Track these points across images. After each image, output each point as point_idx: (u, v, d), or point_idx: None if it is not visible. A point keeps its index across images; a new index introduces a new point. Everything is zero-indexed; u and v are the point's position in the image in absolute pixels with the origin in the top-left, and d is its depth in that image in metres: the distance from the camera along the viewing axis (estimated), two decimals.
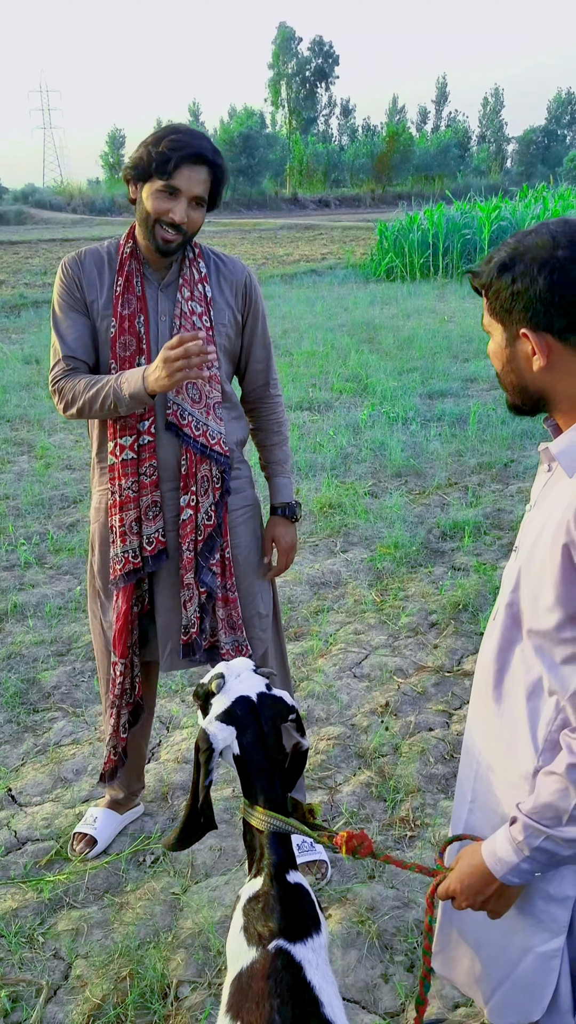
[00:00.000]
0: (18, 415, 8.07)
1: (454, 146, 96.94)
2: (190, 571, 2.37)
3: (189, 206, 2.19)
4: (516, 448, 6.74)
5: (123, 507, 2.31)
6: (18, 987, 2.32)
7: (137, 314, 2.26)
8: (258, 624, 2.58)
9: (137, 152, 2.19)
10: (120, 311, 2.26)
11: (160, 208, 2.17)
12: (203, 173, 2.18)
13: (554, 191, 23.28)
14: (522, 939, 1.55)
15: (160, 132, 2.18)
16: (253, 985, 1.37)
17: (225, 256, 2.44)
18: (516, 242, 1.38)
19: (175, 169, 2.13)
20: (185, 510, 2.33)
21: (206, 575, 2.38)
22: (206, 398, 2.32)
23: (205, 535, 2.36)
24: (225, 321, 2.38)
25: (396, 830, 2.83)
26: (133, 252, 2.30)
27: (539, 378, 1.41)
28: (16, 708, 3.58)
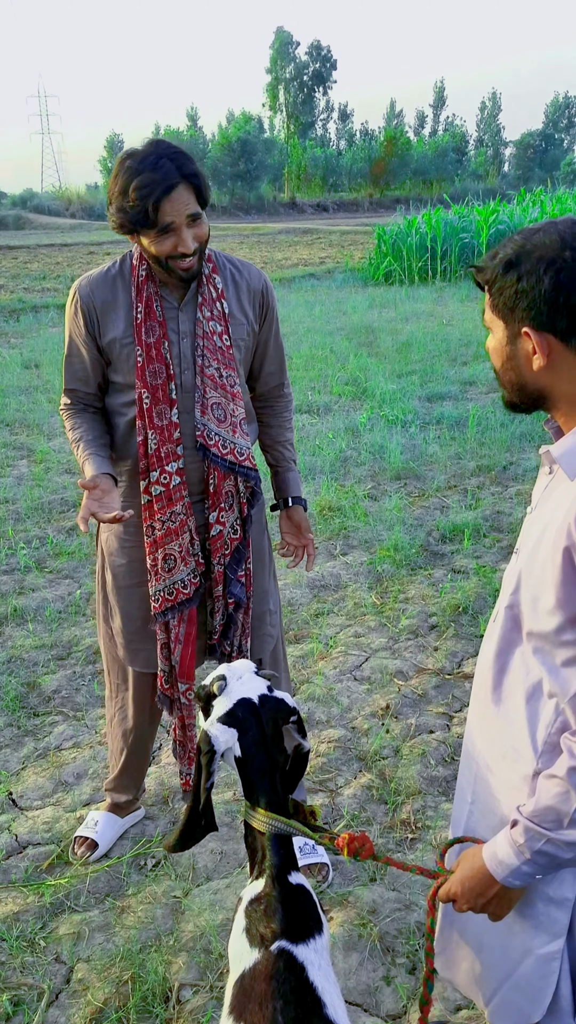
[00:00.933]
0: (17, 419, 8.08)
1: (452, 150, 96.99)
2: (220, 584, 2.39)
3: (188, 228, 2.12)
4: (515, 451, 6.74)
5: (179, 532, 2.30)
6: (19, 991, 2.31)
7: (161, 340, 2.23)
8: (268, 620, 2.61)
9: (112, 208, 2.10)
10: (145, 339, 2.22)
11: (165, 249, 2.12)
12: (183, 193, 2.08)
13: (551, 195, 23.32)
14: (522, 941, 1.55)
15: (122, 180, 2.05)
16: (256, 987, 1.37)
17: (240, 263, 2.41)
18: (523, 239, 1.37)
19: (156, 213, 2.05)
20: (214, 526, 2.34)
21: (235, 587, 2.40)
22: (231, 417, 2.31)
23: (232, 549, 2.38)
24: (243, 335, 2.37)
25: (397, 832, 2.83)
26: (149, 275, 2.24)
27: (538, 378, 1.41)
28: (16, 712, 3.57)
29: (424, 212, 19.25)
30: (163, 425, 2.24)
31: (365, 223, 39.82)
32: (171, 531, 2.29)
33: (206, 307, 2.28)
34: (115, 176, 2.09)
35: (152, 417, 2.23)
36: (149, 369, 2.22)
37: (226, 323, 2.31)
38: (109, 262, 2.33)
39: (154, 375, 2.23)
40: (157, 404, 2.23)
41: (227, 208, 59.13)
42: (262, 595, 2.58)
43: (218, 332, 2.29)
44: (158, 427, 2.23)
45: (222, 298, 2.31)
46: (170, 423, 2.24)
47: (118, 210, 2.09)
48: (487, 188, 58.55)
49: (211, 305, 2.29)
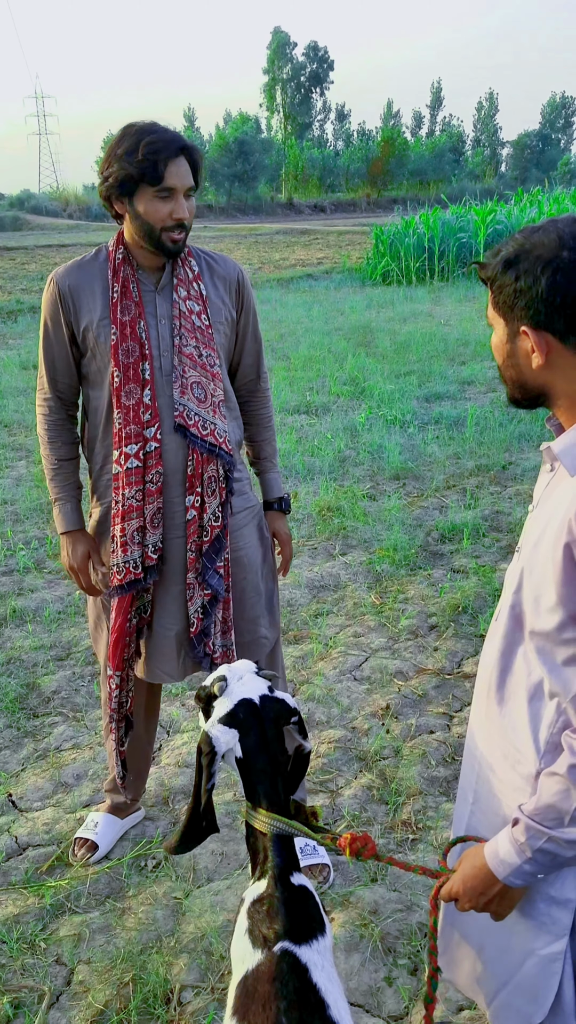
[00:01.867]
0: (15, 420, 8.07)
1: (449, 150, 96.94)
2: (192, 571, 2.35)
3: (184, 199, 2.18)
4: (514, 450, 6.74)
5: (126, 516, 2.28)
6: (20, 993, 2.31)
7: (137, 319, 2.24)
8: (263, 623, 2.58)
9: (113, 168, 2.13)
10: (120, 318, 2.23)
11: (161, 214, 2.15)
12: (185, 163, 2.16)
13: (549, 195, 23.33)
14: (524, 942, 1.55)
15: (130, 140, 2.11)
16: (259, 988, 1.37)
17: (215, 254, 2.43)
18: (524, 238, 1.37)
19: (164, 170, 2.11)
20: (189, 511, 2.31)
21: (212, 577, 2.36)
22: (211, 396, 2.31)
23: (212, 536, 2.35)
24: (222, 319, 2.38)
25: (398, 833, 2.83)
26: (126, 258, 2.27)
27: (538, 375, 1.41)
28: (16, 713, 3.57)
29: (422, 212, 19.24)
30: (130, 405, 2.24)
31: (363, 223, 39.80)
32: (121, 512, 2.29)
33: (182, 287, 2.29)
34: (119, 139, 2.14)
35: (120, 396, 2.24)
36: (122, 347, 2.23)
37: (204, 303, 2.32)
38: (86, 253, 2.36)
39: (127, 353, 2.23)
40: (127, 383, 2.23)
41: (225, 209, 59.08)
42: (256, 597, 2.55)
43: (196, 312, 2.30)
44: (125, 406, 2.24)
45: (198, 279, 2.33)
46: (137, 403, 2.23)
47: (123, 165, 2.11)
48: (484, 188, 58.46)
49: (187, 285, 2.30)
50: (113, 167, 2.13)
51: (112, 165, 2.14)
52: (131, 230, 2.23)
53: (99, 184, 2.21)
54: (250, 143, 76.59)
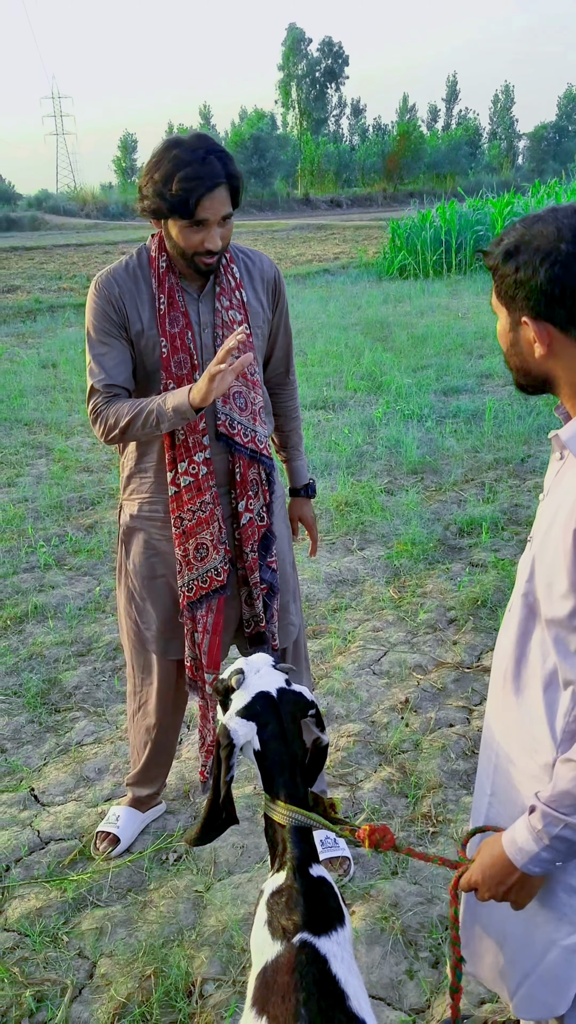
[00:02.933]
0: (36, 419, 8.11)
1: (465, 144, 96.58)
2: (255, 571, 2.42)
3: (219, 226, 2.15)
4: (532, 443, 6.70)
5: (209, 522, 2.31)
6: (43, 987, 2.33)
7: (185, 331, 2.24)
8: (291, 609, 2.63)
9: (148, 191, 2.10)
10: (168, 330, 2.23)
11: (192, 243, 2.14)
12: (223, 194, 2.11)
13: (566, 186, 23.15)
14: (545, 933, 1.54)
15: (167, 167, 2.06)
16: (278, 979, 1.37)
17: (251, 252, 2.44)
18: (524, 228, 1.38)
19: (196, 207, 2.07)
20: (244, 515, 2.36)
21: (266, 572, 2.44)
22: (251, 405, 2.34)
23: (259, 535, 2.42)
24: (260, 323, 2.40)
25: (418, 826, 2.82)
26: (169, 266, 2.25)
27: (540, 364, 1.42)
28: (38, 708, 3.59)
29: (438, 205, 19.15)
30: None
31: (379, 218, 39.74)
32: (202, 520, 2.31)
33: (224, 297, 2.29)
34: (158, 161, 2.09)
35: None
36: (174, 360, 2.24)
37: (245, 312, 2.33)
38: (126, 257, 2.33)
39: (179, 365, 2.24)
40: None
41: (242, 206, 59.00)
42: (284, 584, 2.60)
43: (238, 321, 2.30)
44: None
45: (240, 288, 2.33)
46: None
47: (156, 195, 2.09)
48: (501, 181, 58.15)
49: (230, 295, 2.30)
50: (148, 190, 2.11)
51: (148, 187, 2.11)
52: (168, 244, 2.22)
53: (136, 199, 2.19)
54: (266, 139, 76.60)
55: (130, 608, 2.58)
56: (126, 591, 2.58)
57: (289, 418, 2.68)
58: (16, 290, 18.47)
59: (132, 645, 2.63)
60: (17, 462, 6.88)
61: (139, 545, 2.48)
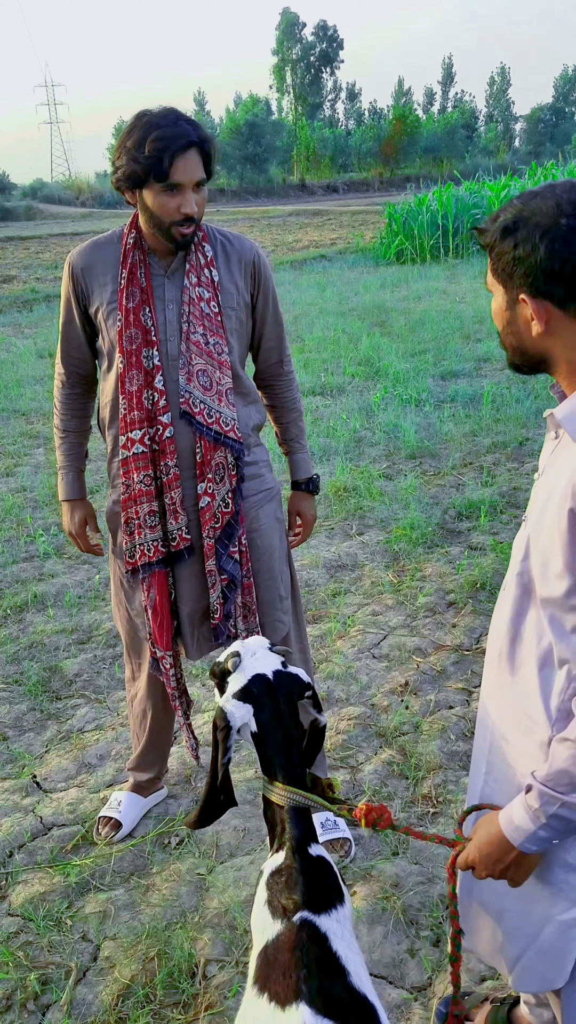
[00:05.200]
0: (33, 408, 8.11)
1: (461, 127, 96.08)
2: (212, 558, 2.37)
3: (193, 192, 2.15)
4: (531, 427, 6.70)
5: (137, 500, 2.32)
6: (47, 970, 2.35)
7: (142, 306, 2.24)
8: (280, 606, 2.59)
9: (122, 161, 2.12)
10: (125, 304, 2.24)
11: (169, 209, 2.14)
12: (195, 156, 2.11)
13: (563, 168, 23.04)
14: (542, 908, 1.55)
15: (138, 133, 2.08)
16: (279, 957, 1.38)
17: (232, 235, 2.41)
18: (522, 204, 1.36)
19: (170, 167, 2.07)
20: (203, 498, 2.33)
21: (227, 563, 2.39)
22: (217, 385, 2.30)
23: (223, 523, 2.37)
24: (233, 304, 2.36)
25: (419, 807, 2.84)
26: (137, 243, 2.26)
27: (538, 342, 1.41)
28: (39, 696, 3.61)
29: (435, 189, 19.08)
30: (133, 391, 2.26)
31: (376, 202, 39.56)
32: (132, 496, 2.33)
33: (193, 274, 2.28)
34: (129, 130, 2.12)
35: (124, 382, 2.26)
36: (127, 334, 2.25)
37: (215, 290, 2.31)
38: (104, 233, 2.36)
39: (130, 340, 2.25)
40: (130, 369, 2.25)
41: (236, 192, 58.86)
42: (271, 580, 2.56)
43: (205, 299, 2.29)
44: (128, 392, 2.26)
45: (211, 266, 2.31)
46: (139, 389, 2.25)
47: (130, 160, 2.10)
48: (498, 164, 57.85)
49: (198, 272, 2.29)
50: (122, 159, 2.12)
51: (121, 157, 2.12)
52: (143, 218, 2.23)
53: (111, 173, 2.21)
54: (261, 125, 76.19)
55: (120, 594, 2.59)
56: (115, 577, 2.59)
57: (287, 409, 2.63)
58: (12, 280, 18.43)
59: (125, 631, 2.64)
60: (15, 452, 6.88)
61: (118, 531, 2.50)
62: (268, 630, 2.57)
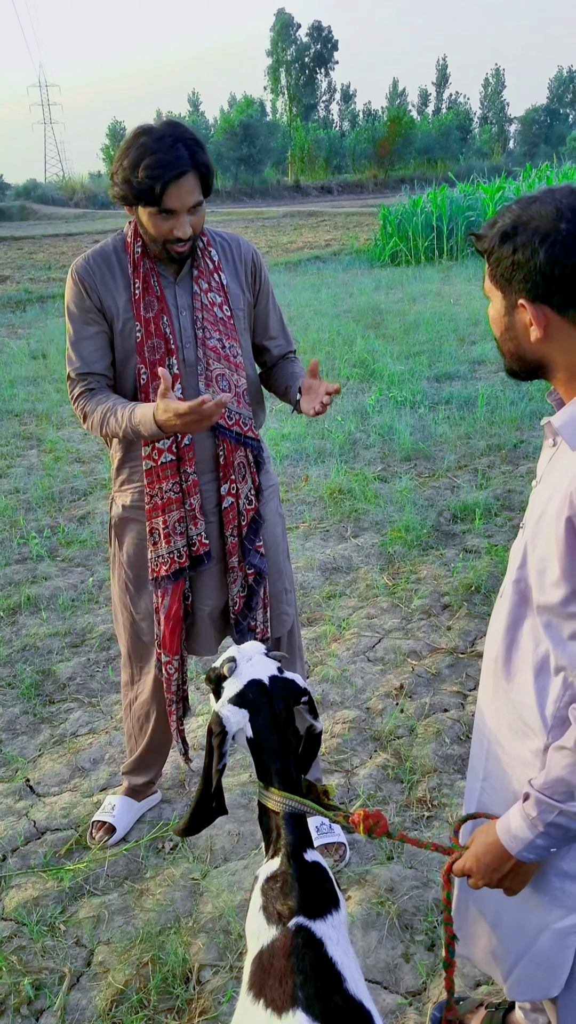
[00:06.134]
0: (26, 409, 8.09)
1: (456, 128, 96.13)
2: (235, 555, 2.42)
3: (189, 214, 2.14)
4: (525, 429, 6.71)
5: (166, 509, 2.32)
6: (41, 975, 2.34)
7: (160, 315, 2.24)
8: (285, 599, 2.63)
9: (118, 178, 2.10)
10: (143, 314, 2.23)
11: (162, 231, 2.14)
12: (191, 182, 2.09)
13: (558, 170, 23.10)
14: (538, 916, 1.55)
15: (134, 154, 2.05)
16: (275, 963, 1.37)
17: (228, 235, 2.43)
18: (521, 209, 1.35)
19: (162, 195, 2.06)
20: (226, 498, 2.36)
21: (254, 557, 2.44)
22: (235, 387, 2.33)
23: (248, 519, 2.41)
24: (242, 306, 2.39)
25: (413, 811, 2.84)
26: (144, 251, 2.25)
27: (536, 348, 1.40)
28: (32, 700, 3.59)
29: (429, 191, 19.08)
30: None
31: (370, 204, 39.57)
32: (157, 507, 2.32)
33: (203, 279, 2.29)
34: (127, 148, 2.09)
35: (148, 393, 2.25)
36: (148, 344, 2.24)
37: (225, 294, 2.32)
38: (103, 243, 2.33)
39: (152, 350, 2.24)
40: (154, 380, 2.24)
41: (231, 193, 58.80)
42: (277, 574, 2.60)
43: (217, 303, 2.30)
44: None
45: (219, 270, 2.32)
46: None
47: (124, 182, 2.09)
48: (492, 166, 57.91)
49: (208, 277, 2.30)
50: (118, 177, 2.11)
51: (117, 173, 2.11)
52: (141, 230, 2.22)
53: (108, 187, 2.20)
54: (255, 126, 76.13)
55: (125, 599, 2.58)
56: (120, 582, 2.57)
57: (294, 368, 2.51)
58: (5, 280, 18.38)
59: (128, 636, 2.63)
60: (8, 453, 6.86)
61: (132, 536, 2.48)
62: (275, 622, 2.60)
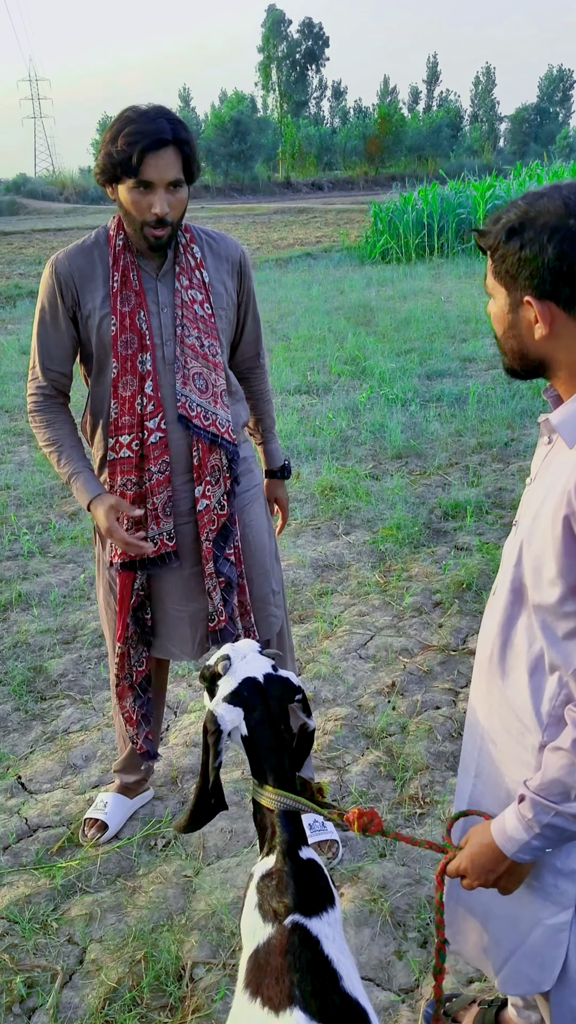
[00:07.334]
0: (17, 405, 8.06)
1: (446, 126, 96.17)
2: (210, 561, 2.37)
3: (167, 193, 2.11)
4: (516, 427, 6.72)
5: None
6: (33, 973, 2.33)
7: (137, 310, 2.22)
8: (272, 600, 2.61)
9: (101, 154, 2.10)
10: (120, 308, 2.21)
11: (139, 207, 2.11)
12: (170, 155, 2.08)
13: (548, 169, 23.13)
14: (531, 912, 1.56)
15: (116, 127, 2.07)
16: (271, 961, 1.38)
17: (216, 234, 2.40)
18: (527, 205, 1.33)
19: (140, 163, 2.04)
20: (201, 500, 2.33)
21: (223, 565, 2.39)
22: (212, 387, 2.30)
23: (218, 524, 2.37)
24: (224, 304, 2.36)
25: (406, 808, 2.84)
26: (126, 244, 2.23)
27: (540, 346, 1.38)
28: (23, 696, 3.58)
29: (420, 189, 19.08)
30: (127, 396, 2.23)
31: (361, 201, 39.53)
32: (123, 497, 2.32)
33: (184, 276, 2.26)
34: (111, 125, 2.10)
35: (118, 387, 2.23)
36: (122, 339, 2.22)
37: (207, 292, 2.30)
38: (85, 237, 2.31)
39: (126, 345, 2.22)
40: (124, 374, 2.23)
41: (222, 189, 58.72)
42: (263, 576, 2.57)
43: (198, 301, 2.28)
44: (121, 397, 2.24)
45: (201, 267, 2.30)
46: (133, 395, 2.23)
47: (105, 155, 2.09)
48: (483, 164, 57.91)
49: (189, 274, 2.27)
50: (102, 153, 2.10)
51: (102, 151, 2.10)
52: (122, 217, 2.21)
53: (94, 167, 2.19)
54: (246, 122, 76.06)
55: (110, 598, 2.56)
56: (105, 582, 2.56)
57: (262, 400, 2.65)
58: None
59: (113, 634, 2.63)
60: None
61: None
62: (262, 625, 2.57)
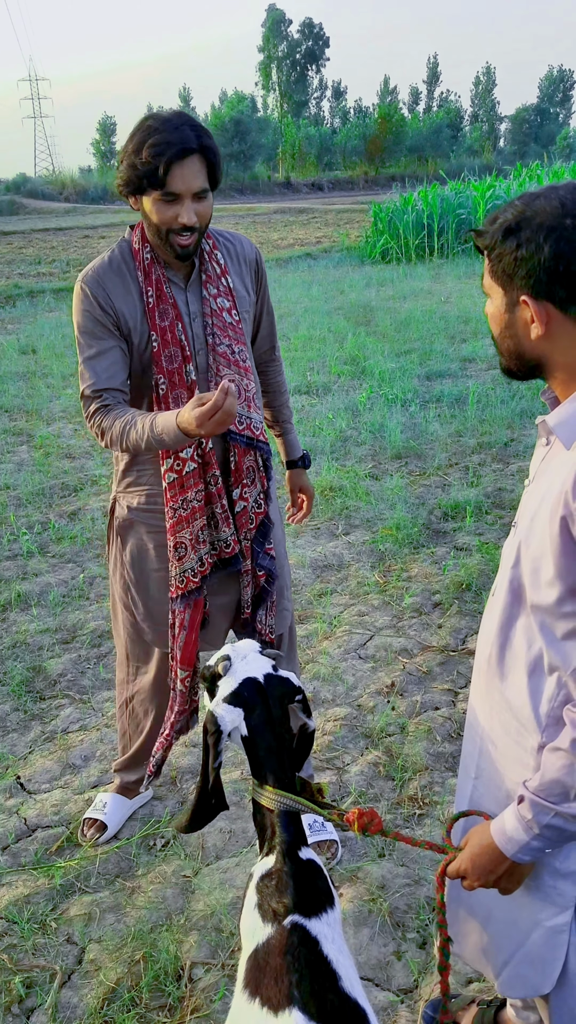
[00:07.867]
0: (16, 405, 8.05)
1: (446, 126, 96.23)
2: (249, 558, 2.41)
3: (193, 202, 2.09)
4: (516, 427, 6.72)
5: (189, 521, 2.28)
6: (32, 973, 2.33)
7: (175, 323, 2.21)
8: (286, 595, 2.63)
9: (123, 165, 2.08)
10: (159, 323, 2.19)
11: (166, 218, 2.09)
12: (196, 164, 2.06)
13: (548, 169, 23.13)
14: (530, 914, 1.56)
15: (139, 137, 2.03)
16: (270, 961, 1.37)
17: (230, 235, 2.40)
18: (524, 205, 1.33)
19: (167, 175, 2.02)
20: (239, 502, 2.35)
21: (264, 559, 2.43)
22: (245, 392, 2.31)
23: (256, 523, 2.40)
24: (247, 307, 2.38)
25: (405, 808, 2.84)
26: (154, 257, 2.21)
27: (536, 346, 1.38)
28: (23, 696, 3.58)
29: (420, 189, 19.08)
30: None
31: (361, 201, 39.53)
32: (182, 519, 2.28)
33: (211, 284, 2.26)
34: (133, 134, 2.07)
35: (168, 403, 2.21)
36: (165, 353, 2.20)
37: (233, 298, 2.30)
38: (107, 252, 2.27)
39: (170, 359, 2.20)
40: (174, 389, 2.21)
41: (222, 189, 58.58)
42: (279, 571, 2.59)
43: (226, 308, 2.28)
44: None
45: (226, 274, 2.30)
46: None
47: (129, 167, 2.06)
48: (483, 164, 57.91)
49: (216, 282, 2.27)
50: (123, 164, 2.08)
51: (123, 161, 2.08)
52: (146, 227, 2.19)
53: (115, 178, 2.17)
54: (246, 122, 76.09)
55: (127, 599, 2.55)
56: (122, 582, 2.54)
57: (279, 393, 2.69)
58: None
59: (128, 636, 2.61)
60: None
61: (137, 537, 2.45)
62: (278, 619, 2.59)
